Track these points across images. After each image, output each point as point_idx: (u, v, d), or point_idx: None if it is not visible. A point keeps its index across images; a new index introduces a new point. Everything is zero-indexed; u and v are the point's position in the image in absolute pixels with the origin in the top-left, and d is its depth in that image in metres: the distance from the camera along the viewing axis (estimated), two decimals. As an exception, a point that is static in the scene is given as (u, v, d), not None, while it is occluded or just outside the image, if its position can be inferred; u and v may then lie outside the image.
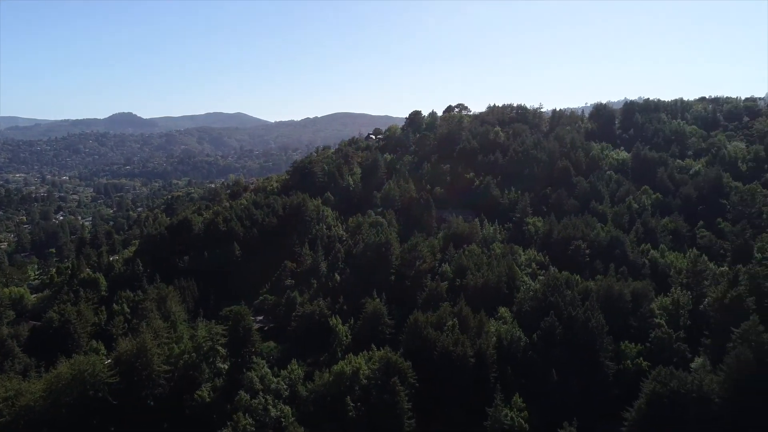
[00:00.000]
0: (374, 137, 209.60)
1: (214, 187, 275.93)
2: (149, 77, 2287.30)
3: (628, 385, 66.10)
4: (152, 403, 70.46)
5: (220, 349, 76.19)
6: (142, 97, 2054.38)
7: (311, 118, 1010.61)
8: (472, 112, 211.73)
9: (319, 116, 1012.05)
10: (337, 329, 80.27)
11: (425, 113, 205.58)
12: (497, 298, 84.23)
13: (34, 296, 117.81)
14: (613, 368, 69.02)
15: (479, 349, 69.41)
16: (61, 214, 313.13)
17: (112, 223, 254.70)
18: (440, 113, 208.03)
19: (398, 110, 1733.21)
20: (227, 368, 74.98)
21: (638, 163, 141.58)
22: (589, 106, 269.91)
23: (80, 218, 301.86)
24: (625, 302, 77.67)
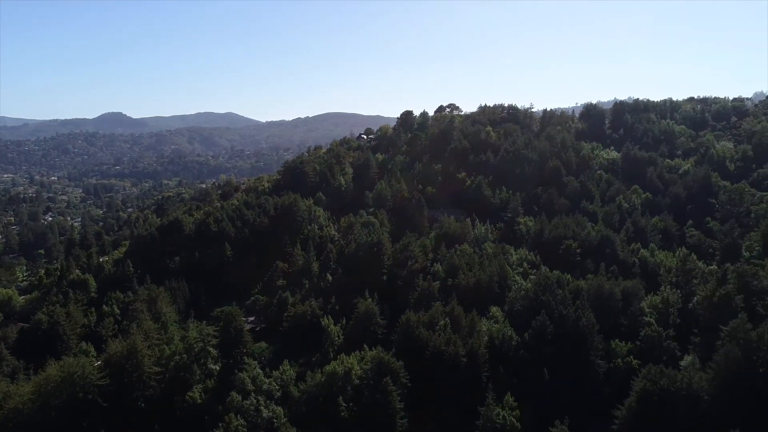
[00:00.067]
0: (366, 137, 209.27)
1: (204, 187, 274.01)
2: (139, 77, 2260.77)
3: (618, 383, 66.56)
4: (143, 404, 70.05)
5: (211, 350, 75.83)
6: (132, 96, 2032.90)
7: (302, 118, 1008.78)
8: (463, 112, 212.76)
9: (310, 116, 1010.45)
10: (329, 329, 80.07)
11: (417, 113, 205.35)
12: (489, 297, 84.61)
13: (22, 298, 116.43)
14: (603, 367, 69.48)
15: (471, 348, 69.63)
16: (49, 214, 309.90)
17: (101, 223, 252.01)
18: (432, 113, 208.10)
19: (390, 110, 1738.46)
20: (219, 369, 74.59)
21: (628, 162, 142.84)
22: (579, 106, 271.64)
23: (69, 219, 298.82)
24: (615, 301, 78.29)
